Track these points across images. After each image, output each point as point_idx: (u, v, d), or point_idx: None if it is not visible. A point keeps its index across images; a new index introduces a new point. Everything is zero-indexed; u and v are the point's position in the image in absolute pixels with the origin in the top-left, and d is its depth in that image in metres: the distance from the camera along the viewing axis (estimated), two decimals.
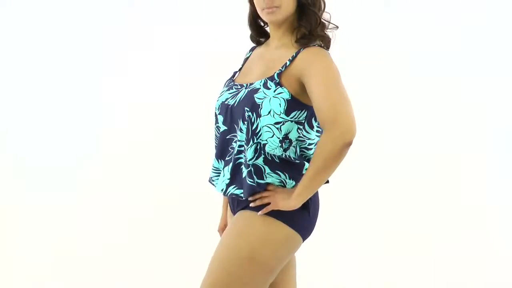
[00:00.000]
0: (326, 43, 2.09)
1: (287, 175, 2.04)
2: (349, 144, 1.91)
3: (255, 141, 2.02)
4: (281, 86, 2.01)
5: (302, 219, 2.06)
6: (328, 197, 2.44)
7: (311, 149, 2.10)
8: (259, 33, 2.24)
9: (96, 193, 3.77)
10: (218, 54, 3.49)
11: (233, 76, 2.25)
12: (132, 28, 3.84)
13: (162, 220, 3.73)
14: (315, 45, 2.05)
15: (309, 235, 2.13)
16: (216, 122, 2.16)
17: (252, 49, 2.29)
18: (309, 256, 2.68)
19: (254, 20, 2.21)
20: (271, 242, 2.02)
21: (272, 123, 2.01)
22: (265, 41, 2.24)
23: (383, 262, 3.72)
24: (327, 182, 2.10)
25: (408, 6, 3.78)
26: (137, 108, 3.82)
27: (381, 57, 3.75)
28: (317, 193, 2.12)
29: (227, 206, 2.36)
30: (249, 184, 2.02)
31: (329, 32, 2.11)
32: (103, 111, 3.83)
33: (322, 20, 2.08)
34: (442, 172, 3.77)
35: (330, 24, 2.11)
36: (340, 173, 3.64)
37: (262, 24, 2.22)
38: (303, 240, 2.10)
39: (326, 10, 2.10)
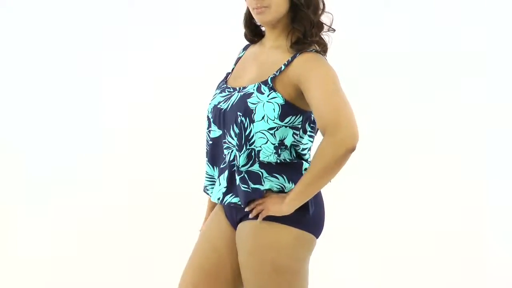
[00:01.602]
0: (322, 48, 2.04)
1: (285, 177, 2.01)
2: (352, 149, 1.86)
3: (248, 147, 1.98)
4: (275, 91, 1.97)
5: (306, 218, 2.02)
6: (328, 197, 2.44)
7: (305, 154, 2.07)
8: (253, 33, 2.17)
9: (96, 193, 3.77)
10: (218, 54, 3.49)
11: (226, 77, 2.19)
12: (132, 28, 3.84)
13: (162, 220, 3.73)
14: (311, 50, 2.00)
15: (321, 230, 2.09)
16: (209, 126, 2.11)
17: (246, 48, 2.23)
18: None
19: (250, 19, 2.14)
20: (284, 247, 2.00)
21: (266, 129, 1.96)
22: (258, 40, 2.17)
23: (382, 262, 3.72)
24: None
25: (408, 6, 3.78)
26: (137, 108, 3.82)
27: (381, 57, 3.75)
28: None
29: (211, 209, 2.31)
30: (243, 190, 1.99)
31: (324, 35, 2.05)
32: (103, 111, 3.83)
33: (320, 21, 2.02)
34: (442, 172, 3.76)
35: (326, 27, 2.04)
36: (340, 173, 3.66)
37: (258, 24, 2.15)
38: (317, 237, 2.07)
39: (327, 11, 2.04)
